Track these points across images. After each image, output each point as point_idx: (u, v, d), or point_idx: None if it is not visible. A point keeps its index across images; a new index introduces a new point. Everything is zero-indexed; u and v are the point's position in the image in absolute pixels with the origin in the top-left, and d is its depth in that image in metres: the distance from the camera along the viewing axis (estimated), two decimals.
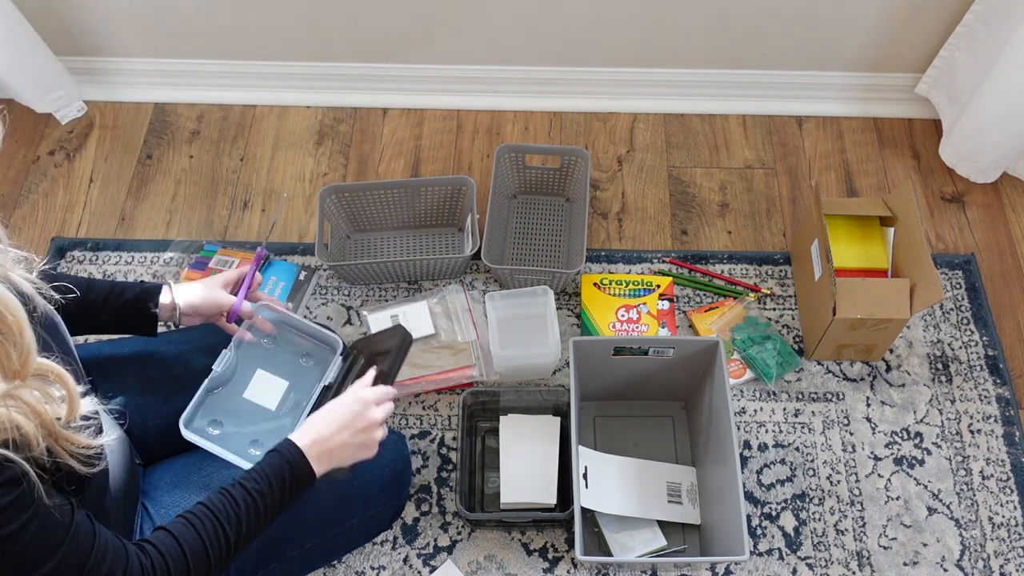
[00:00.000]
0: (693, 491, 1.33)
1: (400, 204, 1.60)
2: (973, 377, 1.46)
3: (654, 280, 1.54)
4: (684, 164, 1.74)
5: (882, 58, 1.72)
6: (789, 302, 1.55)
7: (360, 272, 1.53)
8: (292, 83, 1.81)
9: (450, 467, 1.39)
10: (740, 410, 1.44)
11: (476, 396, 1.37)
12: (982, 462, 1.39)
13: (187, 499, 1.02)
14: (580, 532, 1.16)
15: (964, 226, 1.65)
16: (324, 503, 1.10)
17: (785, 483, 1.37)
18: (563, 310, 1.53)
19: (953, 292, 1.55)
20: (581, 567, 1.30)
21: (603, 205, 1.68)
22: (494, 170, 1.57)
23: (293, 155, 1.76)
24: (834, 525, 1.34)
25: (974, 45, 1.57)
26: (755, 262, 1.60)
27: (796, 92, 1.80)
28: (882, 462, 1.39)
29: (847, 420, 1.42)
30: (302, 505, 0.99)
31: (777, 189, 1.71)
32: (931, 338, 1.50)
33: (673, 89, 1.80)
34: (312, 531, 1.10)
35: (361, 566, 1.30)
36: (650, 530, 1.29)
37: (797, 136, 1.78)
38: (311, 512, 1.09)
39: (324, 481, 0.98)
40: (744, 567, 1.30)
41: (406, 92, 1.82)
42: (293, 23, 1.68)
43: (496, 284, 1.56)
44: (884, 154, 1.75)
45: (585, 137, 1.78)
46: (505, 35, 1.70)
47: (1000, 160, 1.64)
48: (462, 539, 1.32)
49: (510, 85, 1.80)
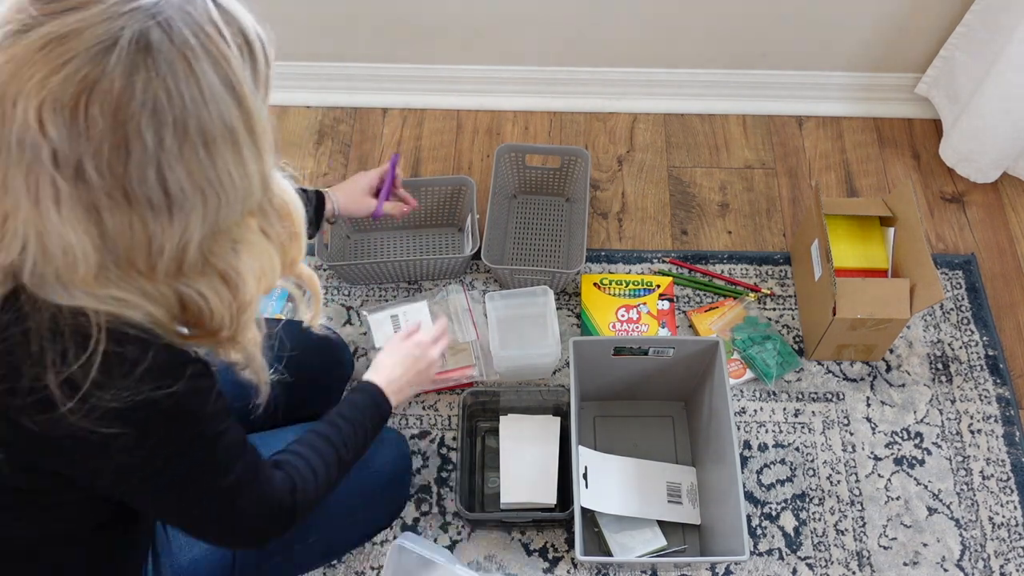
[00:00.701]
0: (693, 491, 1.33)
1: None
2: (973, 377, 1.46)
3: (654, 280, 1.54)
4: (684, 164, 1.74)
5: (882, 58, 1.72)
6: (789, 302, 1.55)
7: (360, 272, 1.52)
8: (292, 83, 1.81)
9: (450, 467, 1.38)
10: (740, 410, 1.44)
11: (476, 396, 1.37)
12: (982, 462, 1.39)
13: None
14: (580, 532, 1.16)
15: (964, 226, 1.65)
16: (328, 498, 1.11)
17: (785, 483, 1.37)
18: (563, 310, 1.53)
19: (953, 292, 1.55)
20: (581, 567, 1.30)
21: (603, 205, 1.68)
22: (494, 170, 1.57)
23: (293, 155, 1.75)
24: (834, 525, 1.34)
25: (974, 45, 1.57)
26: (755, 262, 1.60)
27: (796, 92, 1.80)
28: (882, 462, 1.39)
29: (847, 420, 1.42)
30: None
31: (777, 189, 1.71)
32: (931, 338, 1.50)
33: (673, 89, 1.80)
34: (315, 526, 1.10)
35: (361, 566, 1.30)
36: (650, 530, 1.29)
37: (797, 136, 1.78)
38: None
39: None
40: (744, 567, 1.30)
41: (406, 92, 1.82)
42: (293, 23, 1.68)
43: (496, 284, 1.56)
44: (884, 154, 1.75)
45: (585, 137, 1.78)
46: (505, 35, 1.70)
47: (1000, 160, 1.64)
48: (462, 539, 1.32)
49: (510, 85, 1.80)
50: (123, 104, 0.60)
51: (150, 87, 0.60)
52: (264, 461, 0.87)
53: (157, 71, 0.61)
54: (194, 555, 1.00)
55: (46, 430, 0.68)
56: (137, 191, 0.63)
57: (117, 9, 0.60)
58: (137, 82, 0.60)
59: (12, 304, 0.67)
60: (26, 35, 0.60)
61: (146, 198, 0.64)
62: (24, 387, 0.66)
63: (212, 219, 0.68)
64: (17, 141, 0.61)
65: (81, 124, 0.60)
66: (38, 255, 0.64)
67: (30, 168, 0.61)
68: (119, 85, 0.60)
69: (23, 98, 0.60)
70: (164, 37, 0.61)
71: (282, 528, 0.90)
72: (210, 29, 0.63)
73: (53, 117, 0.60)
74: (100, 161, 0.61)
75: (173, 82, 0.61)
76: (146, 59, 0.60)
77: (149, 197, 0.64)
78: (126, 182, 0.62)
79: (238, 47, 0.65)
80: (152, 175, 0.63)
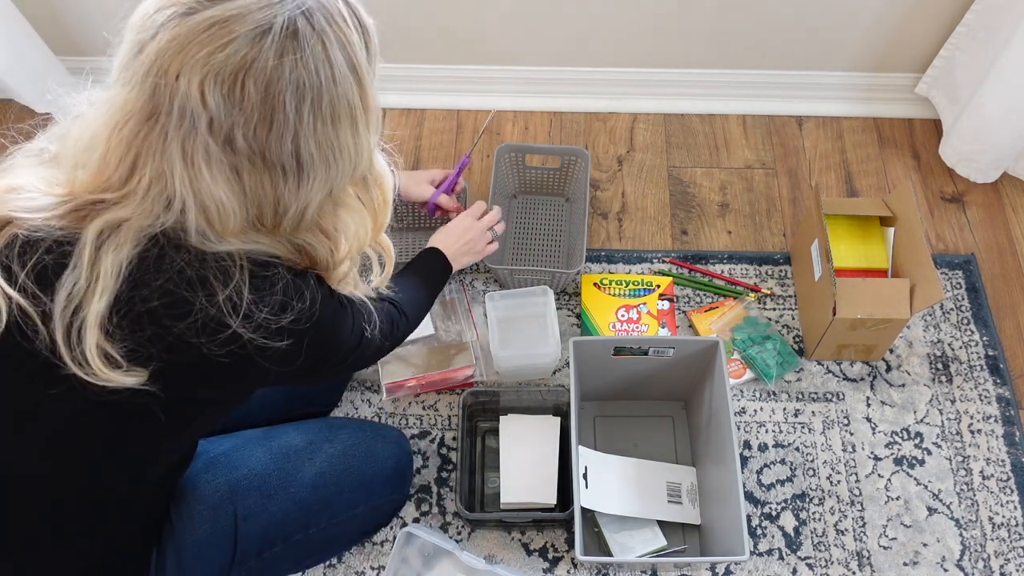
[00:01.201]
0: (693, 491, 1.33)
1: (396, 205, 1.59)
2: (973, 377, 1.46)
3: (654, 280, 1.54)
4: (684, 164, 1.74)
5: (882, 58, 1.72)
6: (789, 302, 1.55)
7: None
8: None
9: (450, 467, 1.38)
10: (740, 410, 1.44)
11: (476, 396, 1.37)
12: (982, 462, 1.39)
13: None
14: (580, 532, 1.16)
15: (964, 226, 1.65)
16: (330, 488, 1.12)
17: (785, 483, 1.37)
18: (563, 310, 1.53)
19: (953, 292, 1.55)
20: (581, 567, 1.30)
21: (603, 205, 1.68)
22: (494, 170, 1.57)
23: None
24: (834, 525, 1.34)
25: (974, 45, 1.57)
26: (755, 262, 1.60)
27: (796, 92, 1.80)
28: (882, 462, 1.39)
29: (847, 420, 1.42)
30: (309, 489, 1.09)
31: (777, 189, 1.71)
32: (931, 338, 1.50)
33: (673, 89, 1.80)
34: (317, 516, 1.12)
35: (361, 566, 1.30)
36: (650, 530, 1.29)
37: (797, 136, 1.78)
38: (318, 496, 1.11)
39: (330, 470, 1.12)
40: (744, 567, 1.30)
41: (406, 92, 1.82)
42: None
43: (496, 284, 1.56)
44: (884, 154, 1.75)
45: (585, 137, 1.78)
46: (505, 35, 1.70)
47: (1000, 160, 1.64)
48: (462, 539, 1.32)
49: (510, 85, 1.80)
50: (273, 81, 0.70)
51: (296, 67, 0.71)
52: (384, 312, 1.03)
53: (301, 54, 0.71)
54: (197, 538, 1.01)
55: (218, 351, 0.76)
56: (274, 157, 0.74)
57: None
58: (286, 63, 0.70)
59: (167, 255, 0.75)
60: (191, 17, 0.69)
61: (280, 164, 0.74)
62: (197, 315, 0.75)
63: (329, 185, 0.79)
64: (179, 109, 0.70)
65: (237, 96, 0.70)
66: (197, 211, 0.73)
67: (187, 134, 0.71)
68: (272, 64, 0.70)
69: (187, 71, 0.69)
70: (307, 24, 0.71)
71: (393, 347, 1.13)
72: (339, 19, 0.74)
73: (214, 89, 0.69)
74: (248, 129, 0.71)
75: (313, 63, 0.72)
76: (293, 43, 0.70)
77: (283, 163, 0.74)
78: (267, 149, 0.73)
79: (359, 34, 0.76)
80: (289, 143, 0.73)
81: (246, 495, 1.05)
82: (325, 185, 0.78)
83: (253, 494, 1.06)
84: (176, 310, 0.75)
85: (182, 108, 0.70)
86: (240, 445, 1.10)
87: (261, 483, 1.07)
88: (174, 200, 0.73)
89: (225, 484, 1.05)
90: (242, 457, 1.08)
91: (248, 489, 1.06)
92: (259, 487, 1.06)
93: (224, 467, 1.06)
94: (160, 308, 0.74)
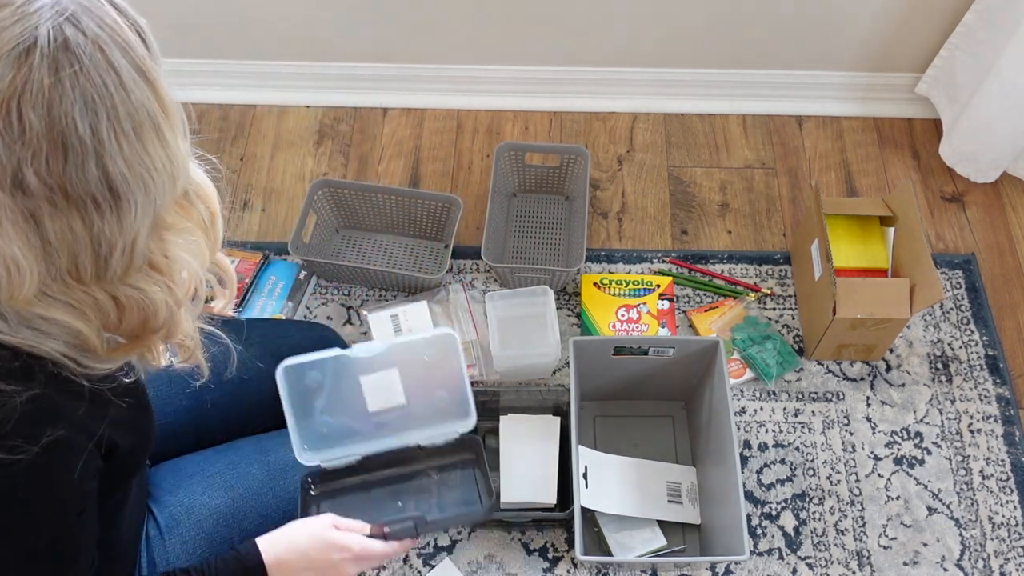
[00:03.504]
0: (693, 491, 1.33)
1: (389, 209, 1.58)
2: (973, 377, 1.46)
3: (654, 280, 1.54)
4: (684, 164, 1.74)
5: (882, 58, 1.72)
6: (789, 302, 1.55)
7: (333, 271, 1.53)
8: (292, 83, 1.81)
9: None
10: (740, 410, 1.44)
11: (476, 396, 1.36)
12: (982, 462, 1.39)
13: (194, 498, 1.04)
14: (580, 532, 1.16)
15: (964, 226, 1.65)
16: None
17: (785, 483, 1.37)
18: (563, 310, 1.53)
19: (953, 292, 1.55)
20: (581, 567, 1.30)
21: (603, 205, 1.68)
22: (494, 169, 1.57)
23: (293, 155, 1.75)
24: (834, 525, 1.34)
25: (974, 45, 1.57)
26: (755, 262, 1.60)
27: (796, 92, 1.80)
28: (882, 462, 1.39)
29: (847, 420, 1.42)
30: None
31: (777, 189, 1.71)
32: (931, 338, 1.50)
33: (673, 89, 1.80)
34: None
35: None
36: (650, 530, 1.29)
37: (797, 136, 1.78)
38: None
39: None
40: (744, 567, 1.30)
41: (406, 92, 1.82)
42: (292, 23, 1.68)
43: (496, 283, 1.56)
44: (884, 154, 1.75)
45: (585, 137, 1.78)
46: (505, 35, 1.70)
47: (1000, 160, 1.64)
48: (462, 539, 1.32)
49: (510, 85, 1.80)
50: (55, 102, 0.59)
51: (78, 82, 0.60)
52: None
53: (80, 65, 0.60)
54: (192, 502, 1.03)
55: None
56: (80, 191, 0.62)
57: (25, 9, 0.59)
58: (65, 79, 0.59)
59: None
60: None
61: (90, 196, 0.62)
62: None
63: (152, 207, 0.67)
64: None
65: (15, 129, 0.58)
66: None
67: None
68: (48, 83, 0.59)
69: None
70: (77, 32, 0.60)
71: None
72: (110, 20, 0.63)
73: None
74: (39, 164, 0.60)
75: (97, 74, 0.61)
76: (68, 55, 0.59)
77: (93, 195, 0.62)
78: (67, 183, 0.61)
79: (135, 33, 0.65)
80: (94, 169, 0.62)
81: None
82: (149, 209, 0.67)
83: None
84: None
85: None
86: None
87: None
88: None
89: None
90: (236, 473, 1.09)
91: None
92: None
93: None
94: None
